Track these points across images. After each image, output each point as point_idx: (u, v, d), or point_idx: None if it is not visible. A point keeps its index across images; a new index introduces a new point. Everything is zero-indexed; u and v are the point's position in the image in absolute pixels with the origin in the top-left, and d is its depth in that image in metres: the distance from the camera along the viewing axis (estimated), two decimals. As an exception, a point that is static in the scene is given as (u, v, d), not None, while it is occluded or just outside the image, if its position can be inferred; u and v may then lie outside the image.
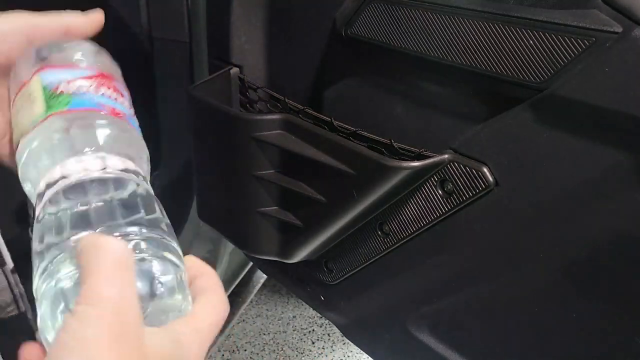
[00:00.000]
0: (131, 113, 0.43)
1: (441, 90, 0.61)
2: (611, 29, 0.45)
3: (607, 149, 0.48)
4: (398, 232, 0.65)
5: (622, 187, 0.48)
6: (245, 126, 0.69)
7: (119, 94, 0.42)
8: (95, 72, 0.41)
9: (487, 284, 0.60)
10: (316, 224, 0.70)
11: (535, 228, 0.55)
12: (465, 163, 0.57)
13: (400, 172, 0.59)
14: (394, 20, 0.61)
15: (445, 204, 0.60)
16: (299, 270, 0.82)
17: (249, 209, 0.74)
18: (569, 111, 0.49)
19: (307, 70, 0.74)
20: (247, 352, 1.39)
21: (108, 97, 0.41)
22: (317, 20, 0.72)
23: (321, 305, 0.82)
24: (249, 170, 0.71)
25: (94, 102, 0.40)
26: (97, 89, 0.40)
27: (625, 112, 0.46)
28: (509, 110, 0.53)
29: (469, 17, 0.54)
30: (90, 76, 0.41)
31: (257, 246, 0.78)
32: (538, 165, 0.53)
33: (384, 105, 0.66)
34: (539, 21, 0.49)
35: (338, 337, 1.45)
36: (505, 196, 0.56)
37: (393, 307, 0.70)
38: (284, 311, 1.51)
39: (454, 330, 0.66)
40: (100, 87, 0.41)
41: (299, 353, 1.40)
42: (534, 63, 0.50)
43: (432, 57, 0.58)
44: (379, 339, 0.74)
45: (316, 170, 0.66)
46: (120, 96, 0.42)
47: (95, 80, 0.41)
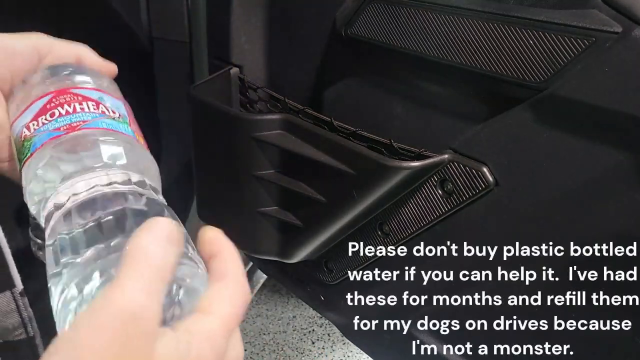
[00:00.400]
0: (105, 114, 0.41)
1: (441, 90, 0.61)
2: (611, 29, 0.45)
3: (607, 149, 0.48)
4: (398, 232, 0.65)
5: (622, 187, 0.48)
6: (245, 126, 0.69)
7: (78, 103, 0.40)
8: (44, 95, 0.41)
9: (487, 284, 0.60)
10: (316, 224, 0.70)
11: (535, 228, 0.55)
12: (465, 163, 0.57)
13: (400, 172, 0.59)
14: (394, 20, 0.61)
15: (445, 204, 0.60)
16: (299, 270, 0.82)
17: (249, 209, 0.74)
18: (569, 111, 0.49)
19: (307, 70, 0.74)
20: (247, 352, 1.39)
21: (64, 115, 0.40)
22: (317, 20, 0.72)
23: (321, 305, 0.82)
24: (249, 170, 0.71)
25: (49, 132, 0.39)
26: (51, 116, 0.39)
27: (625, 112, 0.46)
28: (509, 110, 0.53)
29: (469, 17, 0.54)
30: (41, 107, 0.40)
31: (257, 246, 0.78)
32: (538, 165, 0.53)
33: (384, 105, 0.66)
34: (539, 21, 0.49)
35: (338, 337, 1.45)
36: (505, 196, 0.56)
37: (393, 307, 0.70)
38: (284, 311, 1.51)
39: (454, 330, 0.66)
40: (53, 109, 0.40)
41: (299, 353, 1.40)
42: (534, 63, 0.50)
43: (432, 57, 0.58)
44: (379, 339, 0.74)
45: (316, 170, 0.66)
46: (81, 103, 0.40)
47: (47, 107, 0.40)
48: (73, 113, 0.39)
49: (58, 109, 0.40)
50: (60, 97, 0.40)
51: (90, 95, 0.41)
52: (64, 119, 0.39)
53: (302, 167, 0.68)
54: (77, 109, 0.40)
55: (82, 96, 0.41)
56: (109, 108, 0.41)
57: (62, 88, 0.41)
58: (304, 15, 0.74)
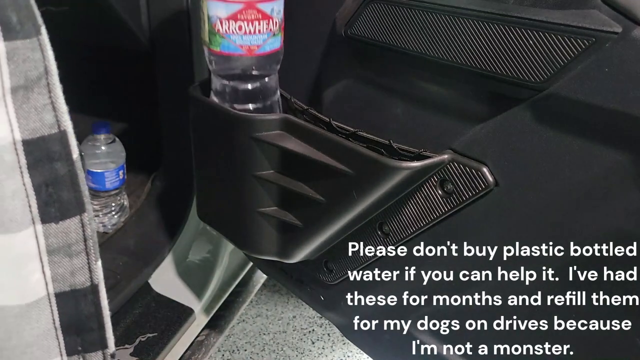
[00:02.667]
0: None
1: (441, 90, 0.61)
2: (611, 29, 0.45)
3: (607, 149, 0.48)
4: (398, 232, 0.65)
5: (622, 187, 0.48)
6: (245, 126, 0.69)
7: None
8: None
9: (487, 284, 0.60)
10: (316, 224, 0.70)
11: (535, 228, 0.55)
12: (465, 163, 0.57)
13: (400, 172, 0.59)
14: (394, 21, 0.61)
15: (445, 204, 0.60)
16: (299, 270, 0.82)
17: (248, 209, 0.74)
18: (569, 111, 0.49)
19: (307, 70, 0.74)
20: (247, 352, 1.39)
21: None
22: (317, 20, 0.72)
23: (321, 305, 0.82)
24: (249, 170, 0.71)
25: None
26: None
27: (625, 112, 0.46)
28: (509, 110, 0.53)
29: (469, 17, 0.54)
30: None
31: (256, 246, 0.78)
32: (538, 165, 0.53)
33: (384, 105, 0.66)
34: (539, 21, 0.49)
35: (338, 337, 1.45)
36: (505, 196, 0.56)
37: (393, 307, 0.70)
38: (284, 311, 1.51)
39: (454, 330, 0.66)
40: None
41: (299, 353, 1.40)
42: (533, 63, 0.50)
43: (432, 57, 0.58)
44: (379, 339, 0.74)
45: (316, 171, 0.66)
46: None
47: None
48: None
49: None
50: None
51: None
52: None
53: (302, 167, 0.68)
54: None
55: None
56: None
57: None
58: (304, 16, 0.74)
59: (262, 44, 0.66)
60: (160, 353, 0.87)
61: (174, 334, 0.90)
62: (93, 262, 0.50)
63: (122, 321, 0.90)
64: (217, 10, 0.64)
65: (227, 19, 0.63)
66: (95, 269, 0.51)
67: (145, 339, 0.88)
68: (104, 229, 1.02)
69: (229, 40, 0.65)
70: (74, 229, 0.48)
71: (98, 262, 0.51)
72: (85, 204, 0.48)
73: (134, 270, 0.94)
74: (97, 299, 0.52)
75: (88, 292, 0.51)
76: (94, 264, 0.50)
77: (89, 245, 0.49)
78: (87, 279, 0.50)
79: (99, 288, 0.51)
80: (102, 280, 0.51)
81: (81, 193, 0.47)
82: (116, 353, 0.78)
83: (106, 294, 0.52)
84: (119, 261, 0.95)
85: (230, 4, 0.63)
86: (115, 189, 1.01)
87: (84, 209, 0.48)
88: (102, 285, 0.52)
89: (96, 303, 0.52)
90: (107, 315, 0.53)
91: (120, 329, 0.88)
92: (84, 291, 0.51)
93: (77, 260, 0.49)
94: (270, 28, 0.66)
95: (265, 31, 0.65)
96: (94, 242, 0.50)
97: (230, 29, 0.64)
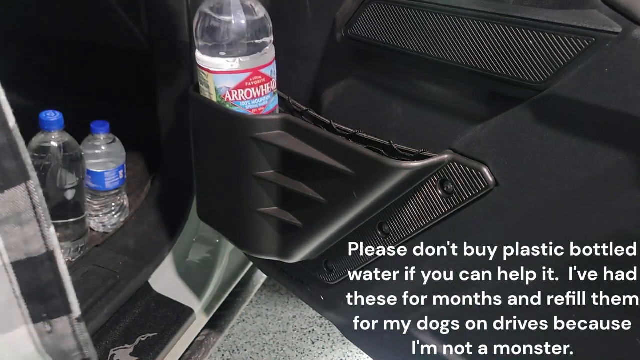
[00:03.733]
0: None
1: (441, 90, 0.61)
2: (611, 29, 0.45)
3: (607, 149, 0.48)
4: (398, 232, 0.65)
5: (622, 187, 0.48)
6: (245, 126, 0.69)
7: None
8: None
9: (487, 284, 0.60)
10: (316, 224, 0.70)
11: (534, 228, 0.55)
12: (465, 163, 0.57)
13: (400, 172, 0.59)
14: (394, 21, 0.60)
15: (445, 204, 0.60)
16: (299, 270, 0.82)
17: (248, 209, 0.74)
18: (569, 111, 0.49)
19: (307, 71, 0.74)
20: (247, 352, 1.39)
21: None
22: (317, 21, 0.72)
23: (321, 305, 0.82)
24: (249, 170, 0.71)
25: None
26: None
27: (625, 112, 0.46)
28: (509, 110, 0.53)
29: (469, 17, 0.54)
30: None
31: (257, 246, 0.78)
32: (538, 165, 0.53)
33: (384, 105, 0.66)
34: (539, 21, 0.49)
35: (338, 337, 1.45)
36: (505, 196, 0.56)
37: (393, 307, 0.70)
38: (284, 311, 1.51)
39: (454, 330, 0.66)
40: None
41: (299, 353, 1.40)
42: (533, 63, 0.50)
43: (432, 57, 0.58)
44: (379, 339, 0.74)
45: (316, 171, 0.66)
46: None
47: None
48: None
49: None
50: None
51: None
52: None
53: (302, 167, 0.68)
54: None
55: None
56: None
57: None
58: (304, 16, 0.74)
59: (267, 103, 0.71)
60: (160, 353, 0.87)
61: (174, 334, 0.90)
62: (45, 229, 0.50)
63: (122, 321, 0.90)
64: (225, 82, 0.68)
65: (236, 89, 0.68)
66: (49, 235, 0.51)
67: (145, 339, 0.88)
68: (104, 229, 1.02)
69: (239, 107, 0.70)
70: (21, 197, 0.48)
71: (51, 229, 0.51)
72: (29, 171, 0.47)
73: (134, 270, 0.94)
74: (54, 265, 0.52)
75: (45, 259, 0.51)
76: (46, 231, 0.50)
77: (39, 213, 0.49)
78: (41, 246, 0.50)
79: (55, 254, 0.51)
80: (57, 246, 0.52)
81: (23, 161, 0.47)
82: (116, 353, 0.79)
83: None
84: (118, 261, 0.95)
85: (237, 75, 0.68)
86: (115, 189, 1.01)
87: (28, 176, 0.48)
88: (59, 251, 0.52)
89: (54, 269, 0.52)
90: (68, 280, 0.53)
91: (120, 329, 0.88)
92: (41, 258, 0.51)
93: (28, 228, 0.49)
94: (272, 88, 0.71)
95: (268, 92, 0.70)
96: (44, 209, 0.49)
97: (239, 97, 0.69)
